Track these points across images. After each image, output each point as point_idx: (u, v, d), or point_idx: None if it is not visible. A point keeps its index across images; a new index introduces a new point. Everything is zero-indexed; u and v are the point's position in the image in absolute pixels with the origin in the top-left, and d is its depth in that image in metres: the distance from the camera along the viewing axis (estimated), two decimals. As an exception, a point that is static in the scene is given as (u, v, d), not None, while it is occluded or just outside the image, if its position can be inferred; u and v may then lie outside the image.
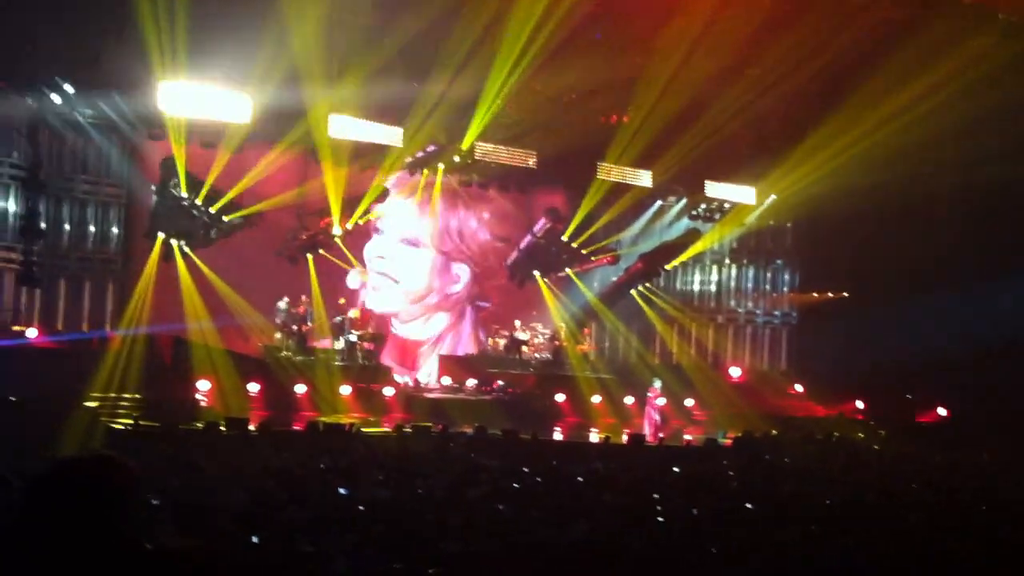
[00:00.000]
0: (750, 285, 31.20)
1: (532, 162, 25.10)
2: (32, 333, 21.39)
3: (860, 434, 23.91)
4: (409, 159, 25.09)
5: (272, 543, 7.44)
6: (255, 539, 7.49)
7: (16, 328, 21.53)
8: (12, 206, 22.05)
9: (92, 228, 23.55)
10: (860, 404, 26.76)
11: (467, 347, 28.39)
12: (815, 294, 30.68)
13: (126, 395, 19.72)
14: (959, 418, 24.99)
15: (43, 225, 21.89)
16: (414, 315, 27.91)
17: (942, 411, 25.94)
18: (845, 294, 29.63)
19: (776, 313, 31.15)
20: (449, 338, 28.29)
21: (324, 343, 24.61)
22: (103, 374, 19.48)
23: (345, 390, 22.18)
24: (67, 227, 23.27)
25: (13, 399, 16.83)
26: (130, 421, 17.82)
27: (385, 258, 27.13)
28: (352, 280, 26.13)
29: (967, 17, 21.89)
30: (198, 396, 20.58)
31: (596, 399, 24.18)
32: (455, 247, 28.15)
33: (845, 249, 28.00)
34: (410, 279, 27.65)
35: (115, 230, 23.79)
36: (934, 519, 10.15)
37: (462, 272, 28.43)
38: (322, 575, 6.63)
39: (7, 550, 2.64)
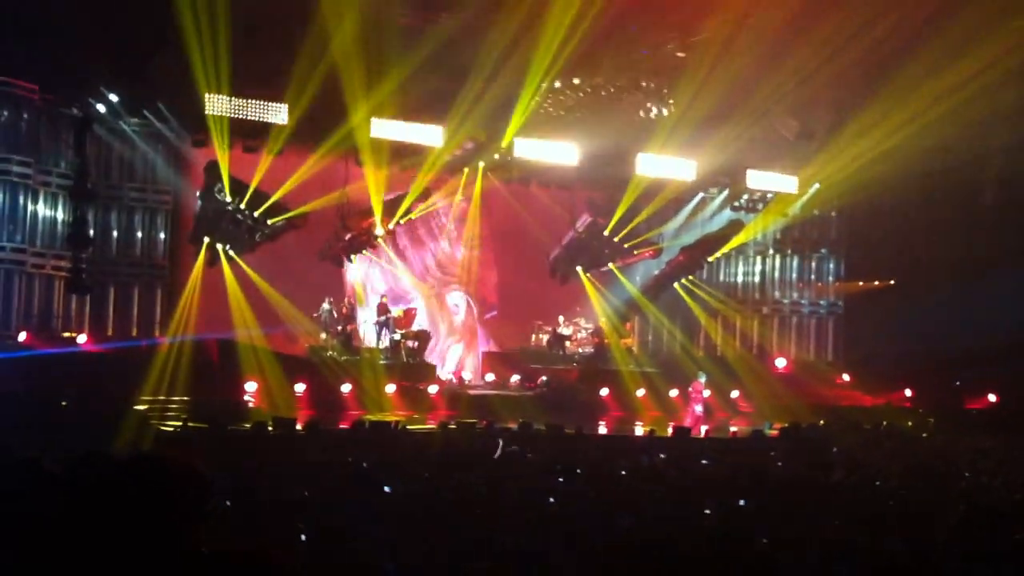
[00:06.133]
0: (794, 275, 30.79)
1: (573, 157, 24.97)
2: (82, 339, 21.72)
3: (908, 422, 23.62)
4: (449, 158, 25.11)
5: (320, 542, 7.52)
6: (303, 538, 7.58)
7: (66, 335, 21.89)
8: (61, 214, 22.47)
9: (139, 235, 23.97)
10: (908, 392, 26.40)
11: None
12: (861, 283, 30.31)
13: (175, 398, 20.00)
14: (1009, 404, 24.58)
15: (91, 233, 22.22)
16: (443, 351, 27.95)
17: (992, 398, 25.55)
18: (892, 282, 29.26)
19: (822, 303, 30.76)
20: (469, 362, 28.14)
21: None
22: (152, 377, 19.79)
23: (390, 388, 22.33)
24: (115, 234, 23.72)
25: (64, 404, 17.11)
26: (179, 423, 18.06)
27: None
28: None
29: (1009, -1, 21.52)
30: (246, 397, 20.82)
31: (640, 393, 24.10)
32: (438, 279, 28.13)
33: (891, 237, 27.67)
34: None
35: (162, 236, 24.16)
36: (983, 507, 10.04)
37: (458, 300, 28.48)
38: (370, 573, 6.69)
39: (52, 539, 2.66)
